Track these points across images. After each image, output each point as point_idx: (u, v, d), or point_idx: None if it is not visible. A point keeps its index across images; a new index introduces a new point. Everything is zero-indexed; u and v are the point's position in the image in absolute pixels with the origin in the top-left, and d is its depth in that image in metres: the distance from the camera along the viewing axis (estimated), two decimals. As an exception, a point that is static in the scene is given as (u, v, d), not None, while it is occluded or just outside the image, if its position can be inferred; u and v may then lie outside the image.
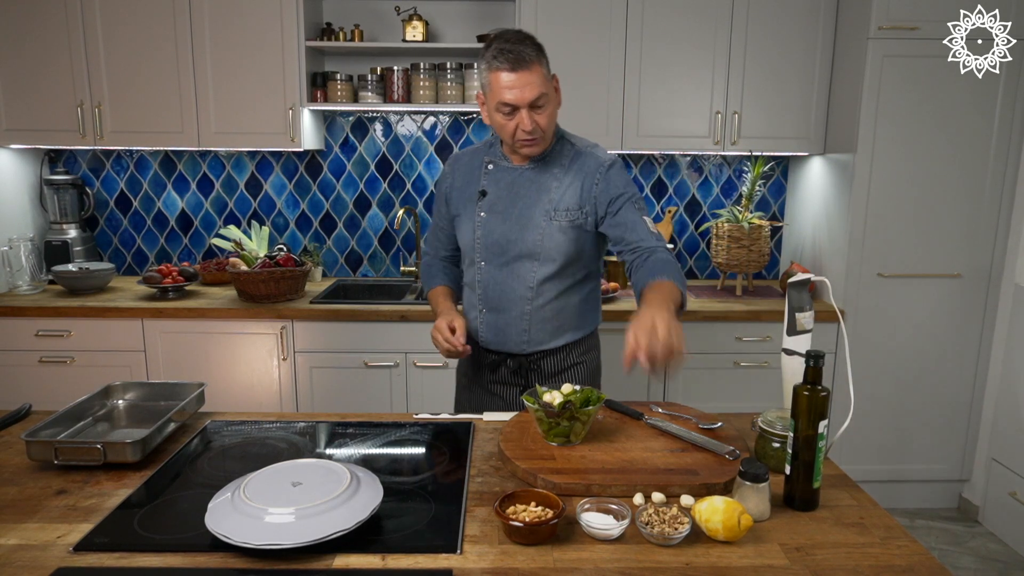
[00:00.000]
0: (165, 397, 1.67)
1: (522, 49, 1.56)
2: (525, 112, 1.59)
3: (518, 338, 1.79)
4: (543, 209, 1.71)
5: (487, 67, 1.59)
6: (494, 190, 1.75)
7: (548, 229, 1.70)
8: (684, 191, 3.40)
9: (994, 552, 2.79)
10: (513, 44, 1.56)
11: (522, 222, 1.72)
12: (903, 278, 2.89)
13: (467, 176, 1.81)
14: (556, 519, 1.13)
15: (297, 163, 3.36)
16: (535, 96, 1.58)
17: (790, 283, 1.43)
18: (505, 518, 1.14)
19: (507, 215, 1.73)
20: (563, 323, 1.80)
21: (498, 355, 1.84)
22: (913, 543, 1.17)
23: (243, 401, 2.86)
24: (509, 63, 1.55)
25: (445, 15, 3.20)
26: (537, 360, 1.82)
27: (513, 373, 1.84)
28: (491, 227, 1.74)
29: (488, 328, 1.81)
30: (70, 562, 1.08)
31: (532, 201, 1.72)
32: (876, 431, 3.01)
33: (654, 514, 1.19)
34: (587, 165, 1.72)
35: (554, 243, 1.71)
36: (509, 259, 1.74)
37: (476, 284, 1.80)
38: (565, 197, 1.71)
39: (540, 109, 1.61)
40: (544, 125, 1.63)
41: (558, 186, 1.72)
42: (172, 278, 2.94)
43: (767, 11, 2.91)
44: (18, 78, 2.93)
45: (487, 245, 1.75)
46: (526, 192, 1.73)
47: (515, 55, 1.55)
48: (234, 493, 1.17)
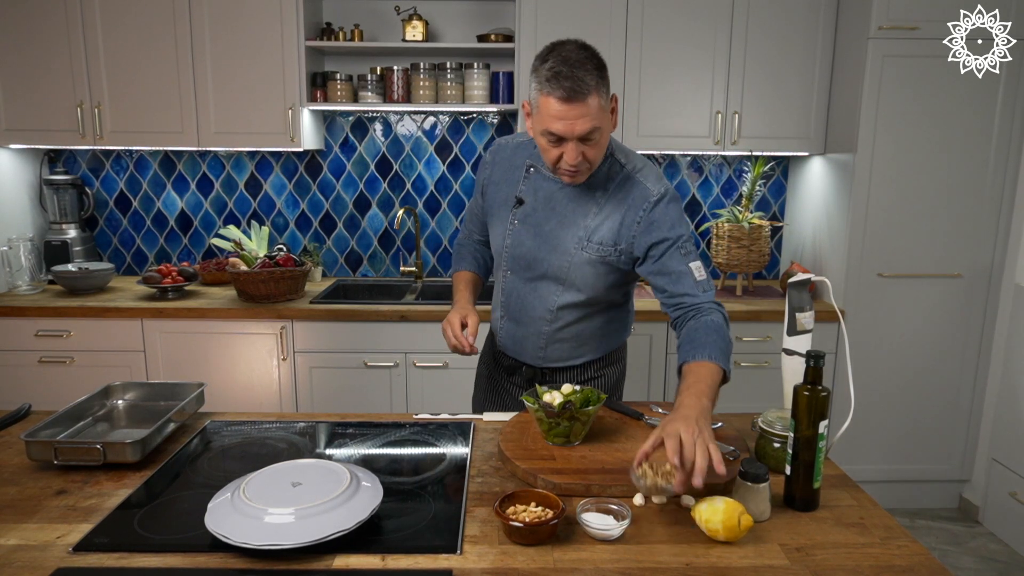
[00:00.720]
0: (165, 397, 1.66)
1: (582, 76, 1.36)
2: (573, 144, 1.42)
3: (535, 352, 1.74)
4: (575, 235, 1.58)
5: (539, 88, 1.40)
6: (531, 200, 1.62)
7: (577, 258, 1.58)
8: (684, 191, 3.40)
9: (994, 552, 2.79)
10: (571, 67, 1.36)
11: (552, 243, 1.60)
12: (903, 278, 2.89)
13: (506, 174, 1.68)
14: (556, 519, 1.13)
15: (297, 163, 3.36)
16: (587, 130, 1.40)
17: (790, 283, 1.43)
18: (505, 518, 1.13)
19: (539, 231, 1.61)
20: (583, 344, 1.73)
21: (515, 361, 1.80)
22: (913, 543, 1.16)
23: (243, 401, 2.86)
24: (563, 91, 1.36)
25: (445, 15, 3.20)
26: (552, 373, 1.77)
27: (528, 381, 1.78)
28: (521, 239, 1.63)
29: (507, 336, 1.77)
30: (70, 562, 1.08)
31: (567, 222, 1.58)
32: (876, 431, 3.01)
33: (648, 468, 1.21)
34: (632, 196, 1.55)
35: (580, 272, 1.60)
36: (534, 276, 1.65)
37: (501, 291, 1.76)
38: (602, 228, 1.56)
39: (590, 142, 1.43)
40: (592, 158, 1.46)
41: (597, 212, 1.57)
42: (172, 278, 2.94)
43: (767, 11, 2.91)
44: (18, 78, 2.93)
45: (515, 257, 1.66)
46: (563, 210, 1.59)
47: (572, 83, 1.36)
48: (234, 493, 1.17)
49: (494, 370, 1.89)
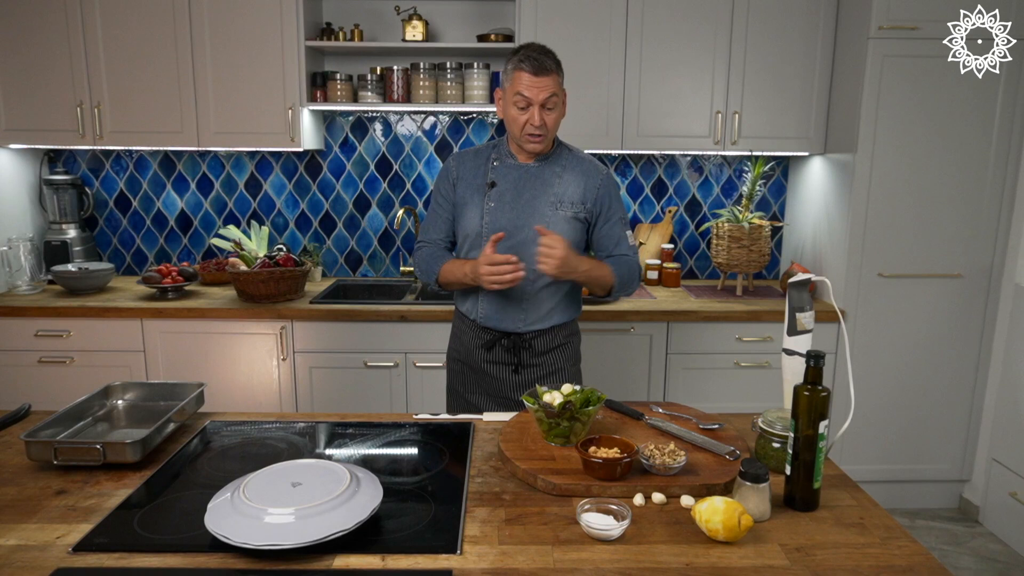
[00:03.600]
0: (165, 397, 1.66)
1: (545, 59, 1.82)
2: (536, 109, 1.82)
3: (515, 316, 1.96)
4: (548, 200, 1.92)
5: (513, 67, 1.84)
6: (502, 182, 1.93)
7: (553, 218, 1.91)
8: (684, 191, 3.40)
9: (994, 552, 2.79)
10: (538, 54, 1.82)
11: (528, 211, 1.91)
12: (903, 278, 2.89)
13: (473, 170, 1.97)
14: (629, 457, 1.31)
15: (297, 163, 3.36)
16: (547, 96, 1.82)
17: (790, 283, 1.43)
18: (586, 455, 1.31)
19: (515, 204, 1.92)
20: (555, 306, 1.99)
21: (494, 334, 1.99)
22: (913, 543, 1.16)
23: (243, 401, 2.86)
24: (532, 68, 1.81)
25: (445, 15, 3.20)
26: (530, 340, 1.99)
27: (507, 351, 1.99)
28: (499, 214, 1.92)
29: (488, 305, 1.97)
30: (70, 562, 1.08)
31: (538, 193, 1.92)
32: (876, 431, 3.01)
33: (655, 449, 1.36)
34: (587, 168, 1.97)
35: (558, 231, 1.87)
36: (515, 244, 1.89)
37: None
38: (569, 190, 1.93)
39: (549, 111, 1.84)
40: (550, 124, 1.85)
41: (560, 182, 1.94)
42: (172, 278, 2.94)
43: (767, 11, 2.91)
44: (18, 78, 2.93)
45: (494, 230, 1.90)
46: (532, 185, 1.93)
47: (539, 63, 1.81)
48: (234, 493, 1.17)
49: (468, 355, 2.04)
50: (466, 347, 2.05)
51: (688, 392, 2.90)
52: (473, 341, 2.03)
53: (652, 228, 3.39)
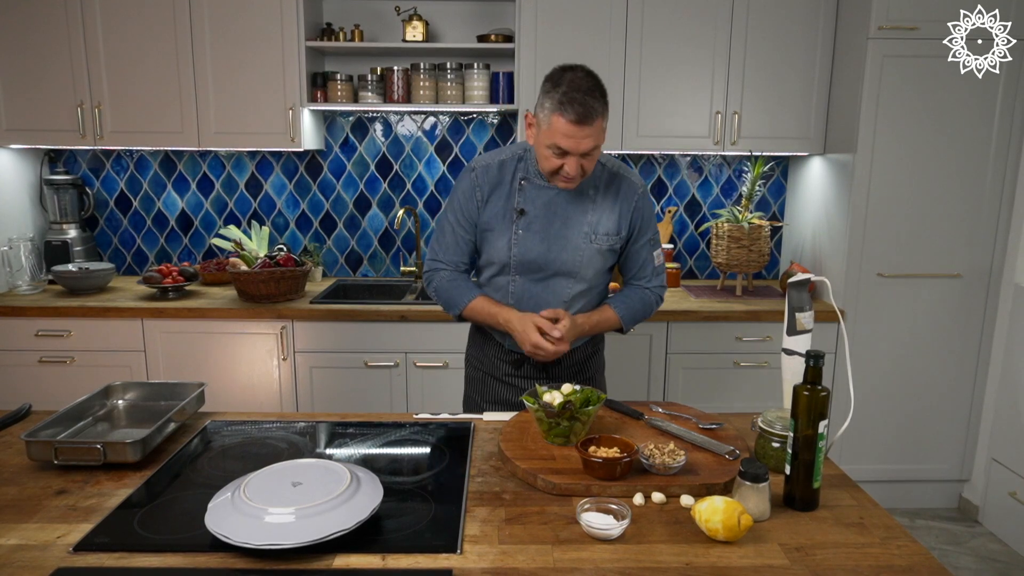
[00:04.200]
0: (165, 397, 1.67)
1: (592, 103, 1.55)
2: (575, 159, 1.60)
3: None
4: (582, 231, 1.75)
5: (552, 108, 1.57)
6: (531, 209, 1.74)
7: (588, 251, 1.76)
8: (684, 191, 3.40)
9: (994, 552, 2.79)
10: (584, 95, 1.54)
11: (561, 243, 1.75)
12: (903, 278, 2.89)
13: (497, 190, 1.77)
14: (629, 457, 1.31)
15: (297, 163, 3.36)
16: (590, 148, 1.59)
17: (790, 283, 1.43)
18: (586, 455, 1.31)
19: (545, 235, 1.74)
20: None
21: (522, 355, 1.86)
22: (913, 543, 1.17)
23: (243, 401, 2.86)
24: (576, 115, 1.54)
25: (445, 15, 3.20)
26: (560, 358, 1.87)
27: (538, 369, 1.88)
28: (529, 246, 1.75)
29: None
30: (70, 562, 1.08)
31: (571, 222, 1.74)
32: (876, 431, 3.01)
33: (655, 448, 1.37)
34: (624, 190, 1.77)
35: (592, 265, 1.77)
36: (545, 276, 1.78)
37: (510, 295, 1.81)
38: (603, 220, 1.75)
39: (589, 157, 1.62)
40: (588, 169, 1.65)
41: (595, 208, 1.75)
42: (172, 278, 2.94)
43: (767, 11, 2.91)
44: (18, 78, 2.93)
45: (523, 262, 1.76)
46: (564, 213, 1.74)
47: (584, 109, 1.54)
48: (234, 493, 1.17)
49: (493, 367, 1.93)
50: (490, 360, 1.93)
51: (688, 392, 2.90)
52: (499, 356, 1.91)
53: (652, 228, 3.39)
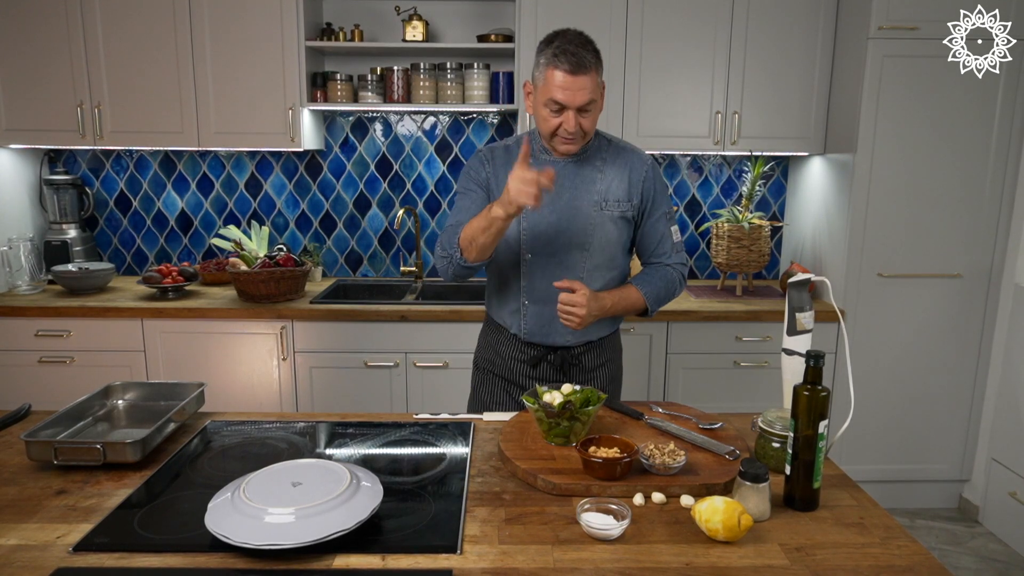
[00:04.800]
0: (165, 397, 1.66)
1: (584, 54, 1.58)
2: (572, 113, 1.61)
3: (564, 328, 1.78)
4: (592, 200, 1.74)
5: (546, 63, 1.60)
6: None
7: (599, 219, 1.74)
8: (684, 191, 3.40)
9: (994, 552, 2.79)
10: (576, 47, 1.58)
11: (570, 212, 1.73)
12: (903, 278, 2.89)
13: (506, 167, 1.75)
14: (629, 457, 1.31)
15: (297, 163, 3.36)
16: (586, 101, 1.60)
17: (790, 283, 1.43)
18: (586, 455, 1.31)
19: (555, 206, 1.73)
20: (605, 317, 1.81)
21: (540, 349, 1.83)
22: (913, 543, 1.17)
23: (243, 401, 2.86)
24: (570, 65, 1.57)
25: (445, 15, 3.20)
26: (579, 355, 1.85)
27: (556, 369, 1.84)
28: (538, 218, 1.74)
29: (534, 320, 1.81)
30: (70, 562, 1.08)
31: (579, 192, 1.74)
32: (876, 431, 3.01)
33: (655, 449, 1.36)
34: (631, 159, 1.78)
35: (604, 233, 1.75)
36: (557, 249, 1.75)
37: (522, 276, 1.79)
38: (612, 188, 1.75)
39: (586, 113, 1.64)
40: (587, 128, 1.66)
41: (602, 178, 1.75)
42: (172, 278, 2.94)
43: (767, 11, 2.91)
44: (18, 78, 2.93)
45: (534, 236, 1.75)
46: (571, 184, 1.74)
47: (577, 59, 1.57)
48: (234, 493, 1.17)
49: (510, 369, 1.88)
50: (504, 361, 1.88)
51: (688, 392, 2.90)
52: (515, 356, 1.86)
53: (652, 228, 3.39)
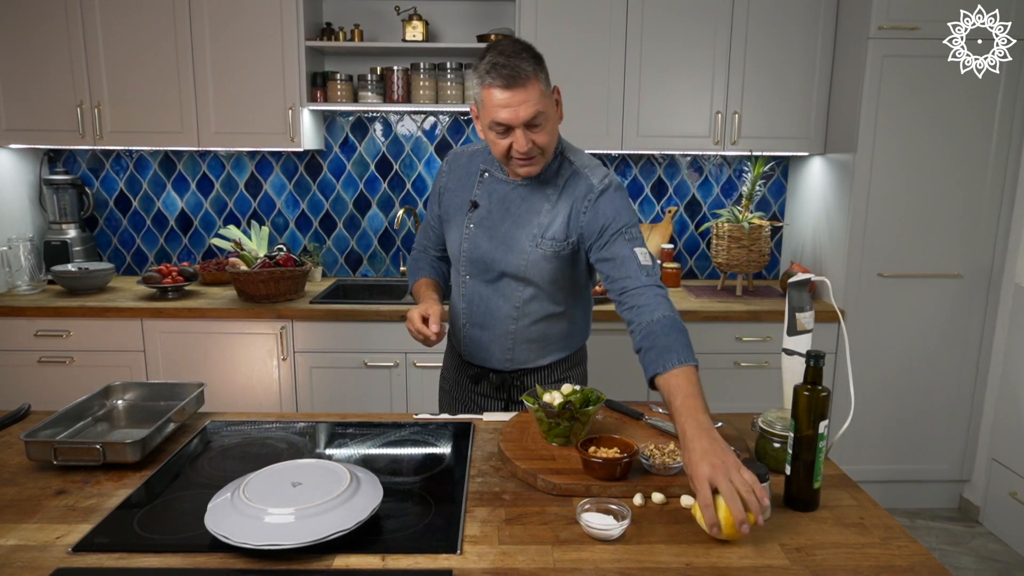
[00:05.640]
0: (165, 397, 1.66)
1: (518, 64, 1.42)
2: (520, 132, 1.46)
3: (501, 356, 1.73)
4: (530, 233, 1.61)
5: (479, 81, 1.46)
6: (485, 203, 1.65)
7: (533, 255, 1.61)
8: (684, 191, 3.40)
9: (994, 552, 2.79)
10: (508, 58, 1.42)
11: (508, 243, 1.62)
12: (903, 278, 2.89)
13: (462, 180, 1.70)
14: (628, 458, 1.30)
15: (297, 163, 3.36)
16: (531, 115, 1.45)
17: (790, 283, 1.43)
18: (585, 455, 1.30)
19: (494, 233, 1.63)
20: (549, 344, 1.73)
21: (480, 369, 1.78)
22: (913, 543, 1.16)
23: (243, 401, 2.86)
24: (503, 79, 1.42)
25: (445, 15, 3.20)
26: (520, 376, 1.76)
27: (496, 388, 1.78)
28: (477, 242, 1.65)
29: (472, 343, 1.75)
30: (69, 563, 1.08)
31: (521, 222, 1.62)
32: (876, 431, 3.01)
33: (655, 449, 1.36)
34: (578, 189, 1.59)
35: (538, 269, 1.62)
36: (493, 277, 1.67)
37: (461, 298, 1.74)
38: (554, 224, 1.60)
39: (537, 128, 1.48)
40: (543, 143, 1.50)
41: (549, 209, 1.60)
42: (172, 278, 2.94)
43: (767, 11, 2.91)
44: (18, 78, 2.93)
45: (472, 260, 1.67)
46: (516, 211, 1.62)
47: (510, 70, 1.42)
48: (234, 493, 1.17)
49: (456, 381, 1.86)
50: (453, 375, 1.85)
51: (688, 392, 2.90)
52: (460, 370, 1.82)
53: (652, 228, 3.39)
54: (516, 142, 1.47)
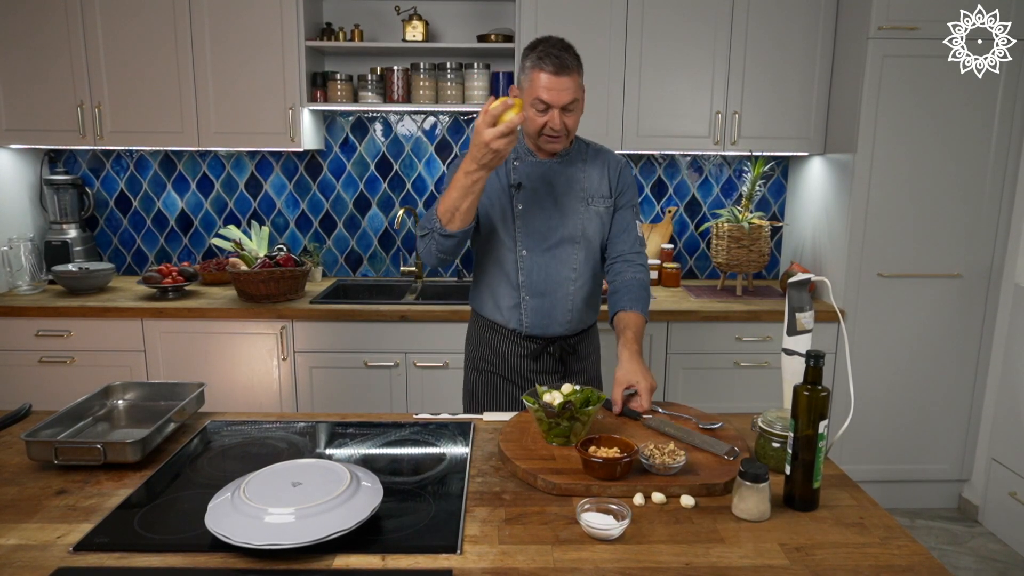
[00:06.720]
0: (165, 397, 1.67)
1: (566, 57, 1.70)
2: (557, 112, 1.72)
3: (563, 319, 1.90)
4: (579, 196, 1.86)
5: (531, 66, 1.72)
6: (528, 182, 1.85)
7: (587, 214, 1.86)
8: (684, 191, 3.40)
9: (994, 552, 2.79)
10: (559, 51, 1.70)
11: (562, 208, 1.85)
12: (903, 278, 2.89)
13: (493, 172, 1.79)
14: (629, 457, 1.31)
15: (297, 163, 3.36)
16: (569, 100, 1.72)
17: (790, 283, 1.43)
18: (585, 455, 1.31)
19: (545, 203, 1.85)
20: (592, 304, 1.96)
21: (540, 342, 1.92)
22: (913, 543, 1.17)
23: (243, 401, 2.86)
24: (553, 67, 1.68)
25: (445, 15, 3.20)
26: (575, 344, 1.95)
27: (557, 361, 1.93)
28: (532, 215, 1.85)
29: (533, 313, 1.89)
30: (70, 562, 1.08)
31: (568, 189, 1.86)
32: (876, 431, 3.01)
33: (655, 449, 1.37)
34: (608, 159, 1.92)
35: (593, 227, 1.87)
36: (551, 244, 1.85)
37: (519, 271, 1.86)
38: (595, 185, 1.88)
39: (570, 112, 1.75)
40: (571, 126, 1.77)
41: (586, 176, 1.88)
42: (172, 278, 2.94)
43: (767, 11, 2.91)
44: (18, 78, 2.93)
45: (529, 232, 1.85)
46: (559, 182, 1.86)
47: (560, 60, 1.69)
48: (234, 493, 1.17)
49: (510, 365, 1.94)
50: (503, 358, 1.95)
51: (688, 392, 2.90)
52: (514, 352, 1.93)
53: (652, 228, 3.39)
54: (552, 120, 1.73)
